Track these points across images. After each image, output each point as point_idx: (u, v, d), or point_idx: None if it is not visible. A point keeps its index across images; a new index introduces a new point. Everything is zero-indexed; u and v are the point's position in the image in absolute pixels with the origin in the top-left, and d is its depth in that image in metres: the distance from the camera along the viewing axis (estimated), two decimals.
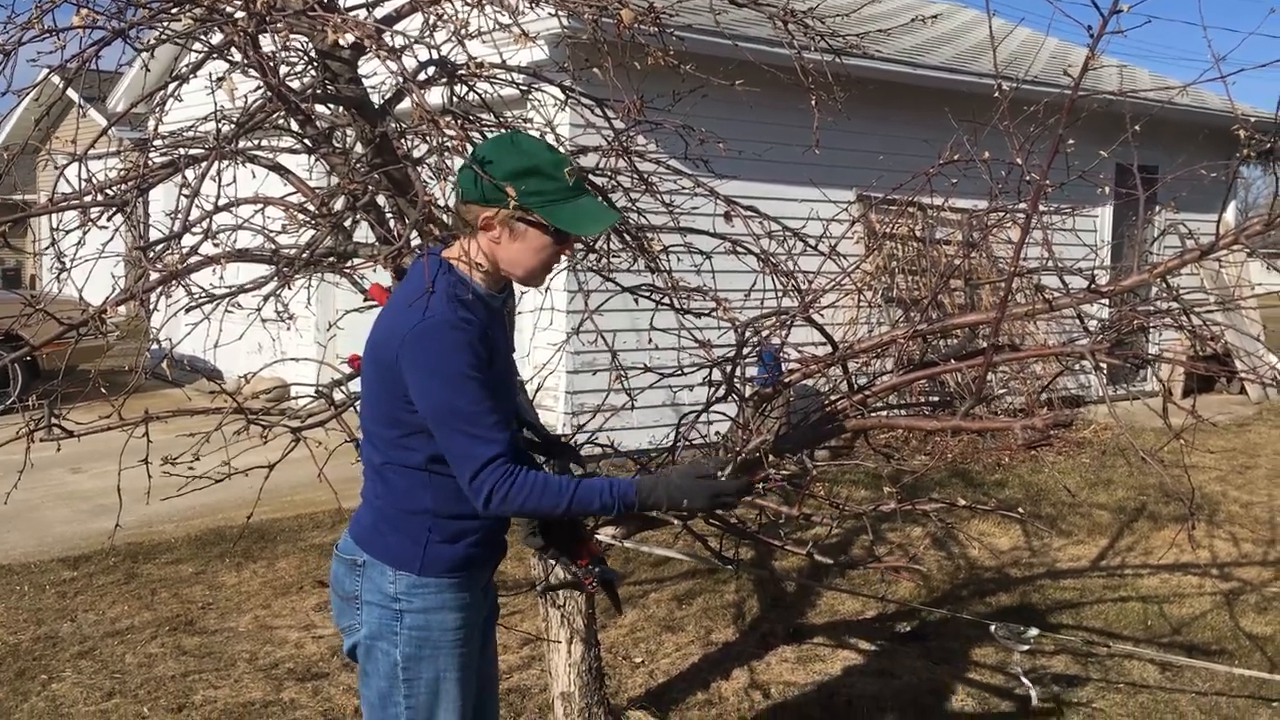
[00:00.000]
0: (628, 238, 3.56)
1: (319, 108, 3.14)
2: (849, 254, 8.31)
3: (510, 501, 2.10)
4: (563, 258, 2.23)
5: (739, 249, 3.59)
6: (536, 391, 4.15)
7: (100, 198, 2.53)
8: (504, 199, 2.10)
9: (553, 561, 2.45)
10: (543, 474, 2.14)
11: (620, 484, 2.21)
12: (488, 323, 2.18)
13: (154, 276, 2.64)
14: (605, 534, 3.01)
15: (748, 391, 3.11)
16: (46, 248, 2.73)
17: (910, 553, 5.35)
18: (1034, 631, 4.19)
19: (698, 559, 5.50)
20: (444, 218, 2.86)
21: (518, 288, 2.39)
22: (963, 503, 2.97)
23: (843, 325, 8.64)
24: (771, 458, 2.72)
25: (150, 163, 2.93)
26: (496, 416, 2.11)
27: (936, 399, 9.01)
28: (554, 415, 7.70)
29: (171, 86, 2.62)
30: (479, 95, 3.38)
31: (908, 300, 8.89)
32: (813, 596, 5.35)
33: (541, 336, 6.27)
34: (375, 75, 3.23)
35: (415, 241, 2.82)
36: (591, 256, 3.68)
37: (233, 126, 2.75)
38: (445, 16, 2.92)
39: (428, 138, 2.86)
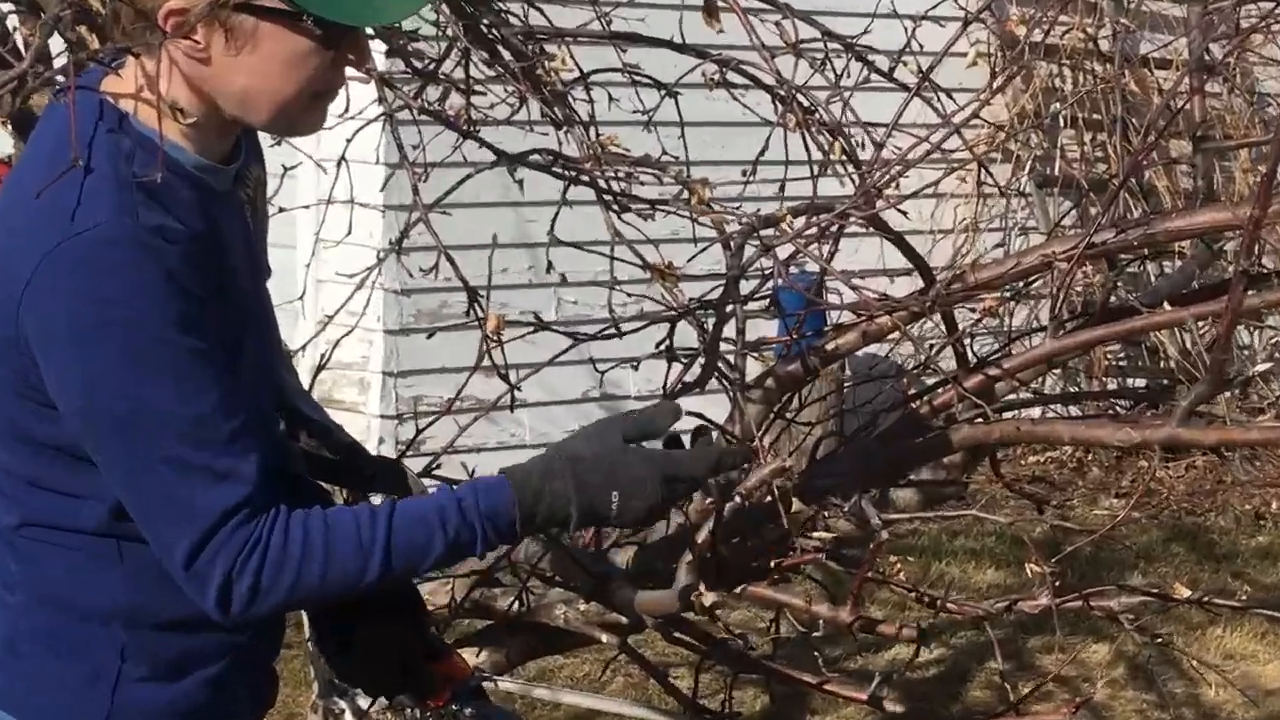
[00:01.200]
0: (506, 53, 3.56)
1: None
2: (961, 88, 8.25)
3: (277, 587, 2.13)
4: (348, 81, 2.25)
5: (731, 78, 3.60)
6: (318, 371, 4.15)
7: None
8: None
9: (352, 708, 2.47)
10: (321, 514, 2.17)
11: (482, 489, 2.23)
12: (207, 225, 2.20)
13: None
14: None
15: (752, 370, 3.13)
16: None
17: (1082, 694, 5.42)
18: None
19: (652, 713, 5.50)
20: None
21: (271, 146, 2.40)
22: (1187, 594, 3.01)
23: (948, 233, 8.71)
24: (799, 505, 2.74)
25: None
26: (233, 422, 2.13)
27: (1143, 385, 9.08)
28: (359, 420, 7.69)
29: None
30: None
31: (1080, 182, 8.97)
32: None
33: (331, 259, 6.24)
34: None
35: (60, 62, 2.80)
36: (432, 92, 3.67)
37: None
38: None
39: None
